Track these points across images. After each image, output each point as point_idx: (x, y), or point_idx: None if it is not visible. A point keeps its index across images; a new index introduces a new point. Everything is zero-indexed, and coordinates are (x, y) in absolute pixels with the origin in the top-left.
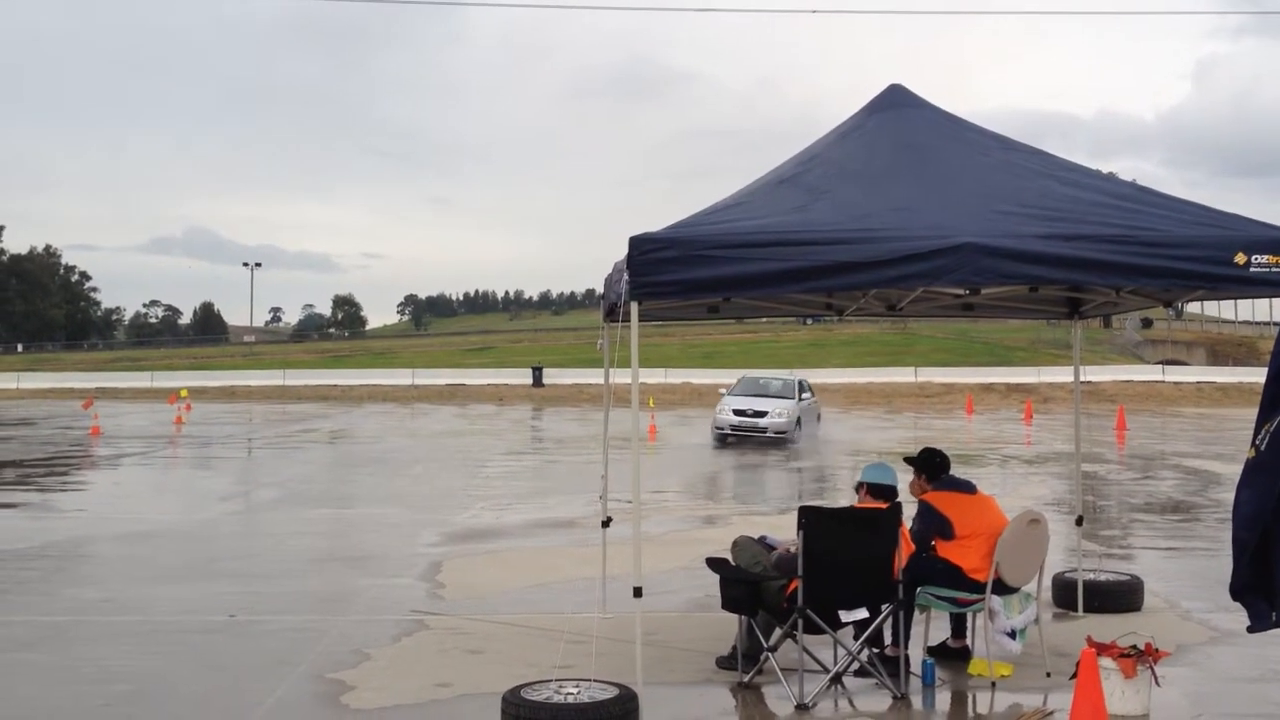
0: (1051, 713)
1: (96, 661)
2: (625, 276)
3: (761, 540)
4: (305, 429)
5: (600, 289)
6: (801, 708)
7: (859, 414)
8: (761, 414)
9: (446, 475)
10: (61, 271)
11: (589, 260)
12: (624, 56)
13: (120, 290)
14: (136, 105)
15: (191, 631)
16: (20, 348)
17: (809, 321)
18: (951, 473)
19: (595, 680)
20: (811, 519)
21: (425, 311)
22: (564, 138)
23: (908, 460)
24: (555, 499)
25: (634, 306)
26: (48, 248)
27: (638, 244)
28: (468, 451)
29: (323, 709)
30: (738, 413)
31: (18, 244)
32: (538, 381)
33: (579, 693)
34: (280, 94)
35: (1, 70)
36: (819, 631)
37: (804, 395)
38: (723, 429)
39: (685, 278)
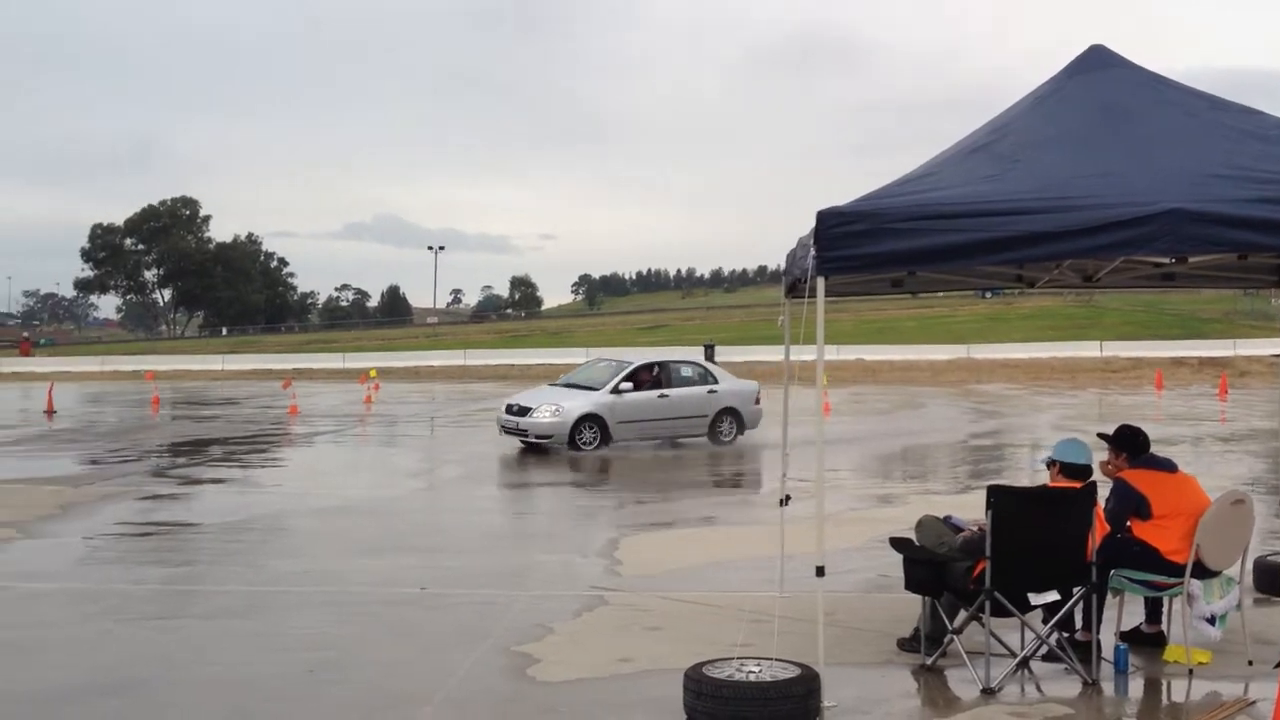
0: (1253, 702)
1: (298, 629)
2: (812, 251)
3: (947, 520)
4: (485, 408)
5: (773, 265)
6: (987, 692)
7: (1039, 390)
8: (526, 411)
9: (621, 454)
10: (262, 258)
11: (762, 237)
12: (802, 27)
13: (315, 275)
14: (330, 94)
15: (385, 603)
16: (225, 331)
17: (988, 295)
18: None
19: (777, 659)
20: (1001, 499)
21: (598, 291)
22: (740, 113)
23: (1103, 437)
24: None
25: (820, 282)
26: (250, 235)
27: (825, 218)
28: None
29: (511, 680)
30: (509, 409)
31: (223, 232)
32: (710, 358)
33: (760, 671)
34: (461, 78)
35: (210, 65)
36: (1006, 614)
37: (656, 386)
38: (504, 426)
39: (873, 251)
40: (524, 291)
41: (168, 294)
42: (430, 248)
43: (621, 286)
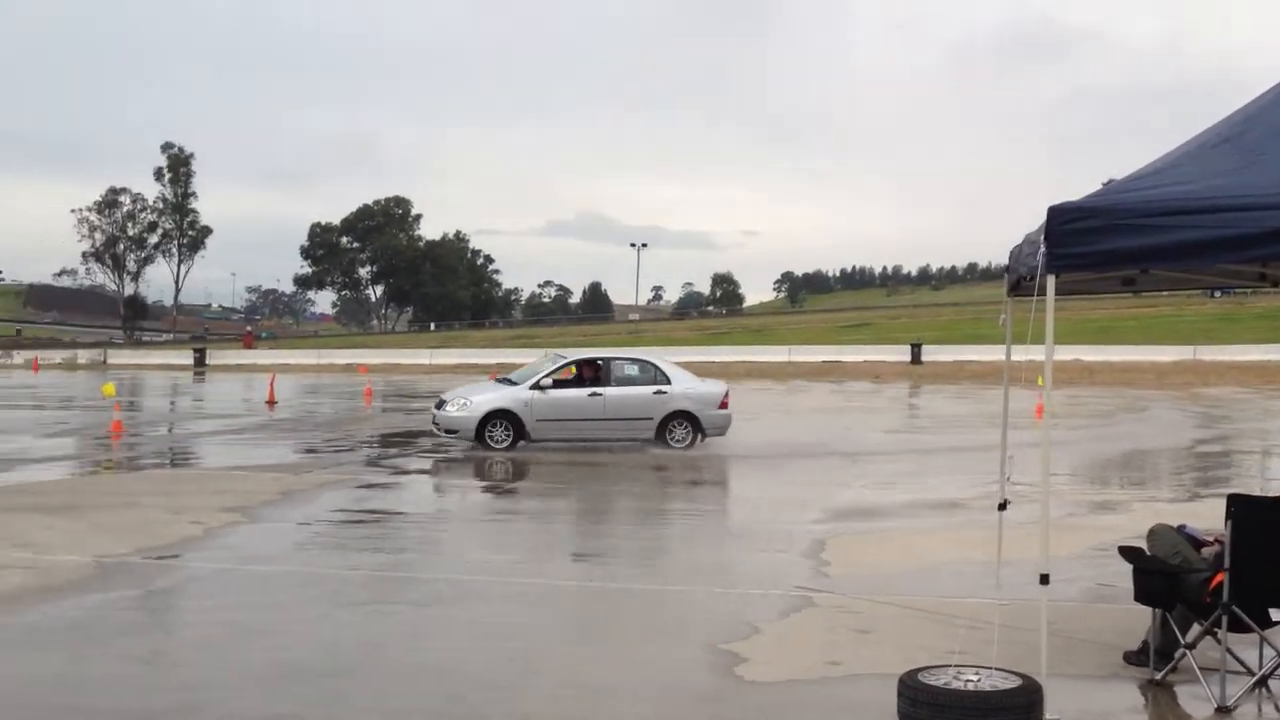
0: None
1: (506, 619)
2: (1042, 248)
3: (1181, 529)
4: None
5: (984, 262)
6: (1222, 710)
7: (1273, 395)
8: (442, 404)
9: (825, 452)
10: (469, 255)
11: (971, 233)
12: (1013, 15)
13: (519, 272)
14: (535, 95)
15: (590, 596)
16: (433, 326)
17: (1217, 294)
18: None
19: (996, 668)
20: (1242, 508)
21: (801, 288)
22: (947, 106)
23: None
24: (937, 479)
25: (1050, 280)
26: (458, 233)
27: (1057, 214)
28: (846, 429)
29: (718, 678)
30: (437, 402)
31: (433, 230)
32: (916, 358)
33: (979, 680)
34: (665, 76)
35: (425, 69)
36: (1245, 630)
37: (581, 386)
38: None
39: (1108, 248)
40: (725, 288)
41: (379, 290)
42: (633, 244)
43: (825, 284)
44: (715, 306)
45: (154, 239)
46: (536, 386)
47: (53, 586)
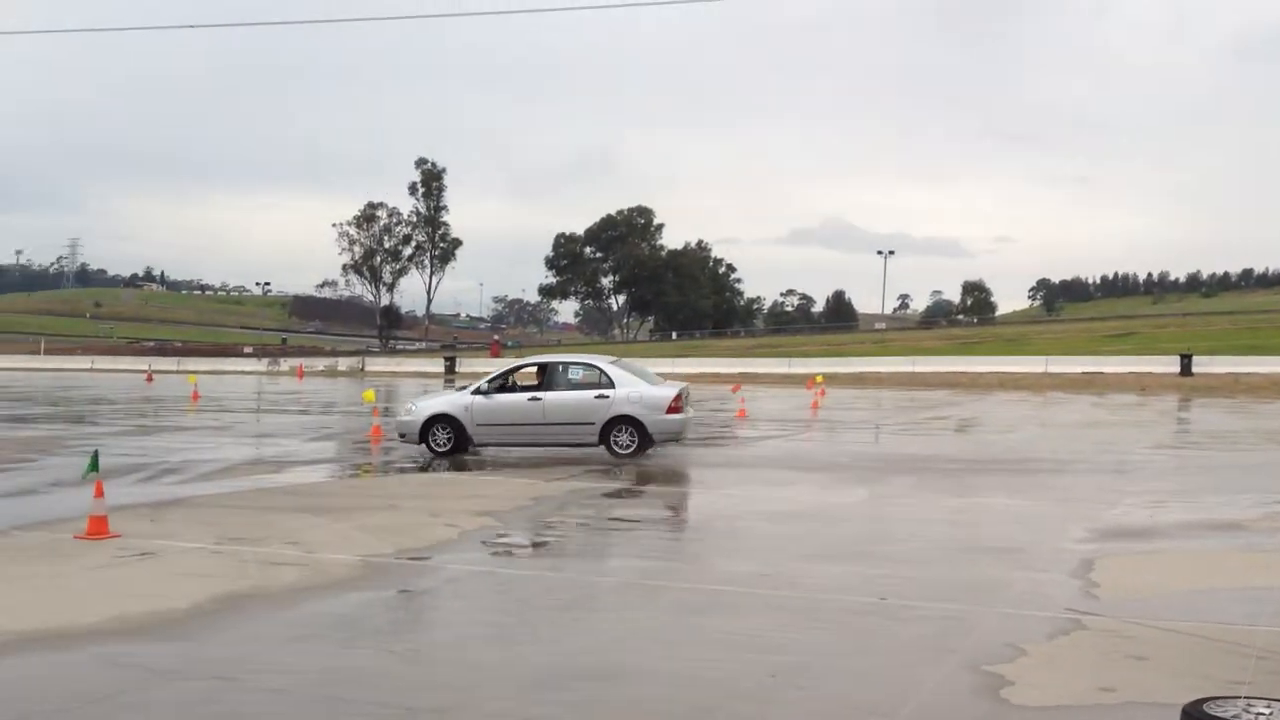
0: None
1: (757, 631)
2: None
3: None
4: (934, 416)
5: (1262, 266)
6: None
7: None
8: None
9: (1088, 468)
10: (710, 264)
11: (1246, 237)
12: None
13: (761, 280)
14: (778, 103)
15: (844, 611)
16: (674, 335)
17: None
18: None
19: None
20: None
21: (1058, 296)
22: (1223, 105)
23: None
24: (1214, 498)
25: None
26: (699, 242)
27: None
28: (1109, 444)
29: (982, 700)
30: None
31: (675, 240)
32: (1186, 370)
33: (1270, 714)
34: (911, 78)
35: (665, 80)
36: None
37: (522, 390)
38: None
39: None
40: (976, 296)
41: (621, 299)
42: (879, 252)
43: (1084, 291)
44: (965, 315)
45: (408, 251)
46: (478, 391)
47: (322, 584)
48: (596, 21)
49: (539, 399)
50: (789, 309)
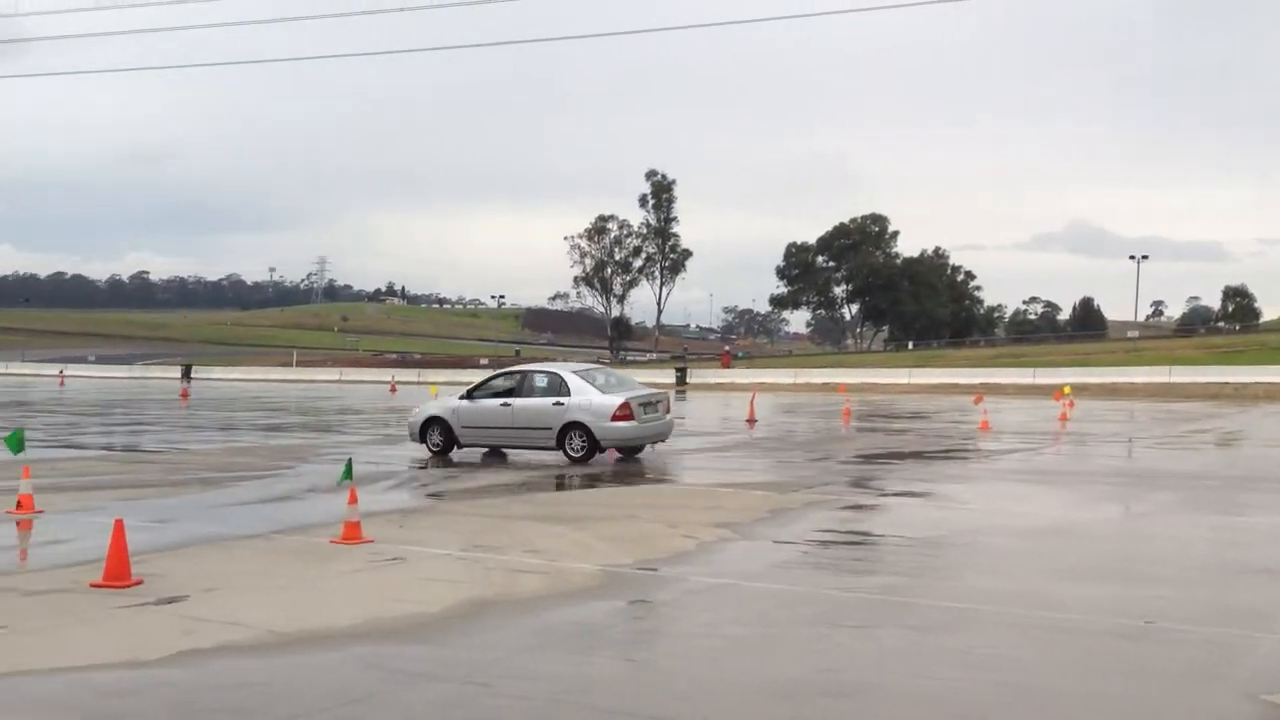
0: None
1: (1006, 651)
2: None
3: None
4: (1194, 429)
5: None
6: None
7: None
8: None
9: None
10: (948, 272)
11: None
12: None
13: (1002, 288)
14: (1017, 104)
15: (1101, 633)
16: (910, 344)
17: None
18: None
19: None
20: None
21: None
22: None
23: None
24: None
25: None
26: (936, 249)
27: None
28: None
29: None
30: None
31: (910, 248)
32: None
33: None
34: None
35: (898, 85)
36: None
37: (497, 396)
38: None
39: None
40: (1238, 302)
41: (854, 308)
42: (1131, 257)
43: None
44: (1226, 322)
45: (638, 263)
46: (465, 396)
47: (564, 592)
48: (831, 24)
49: (509, 405)
50: (1032, 317)
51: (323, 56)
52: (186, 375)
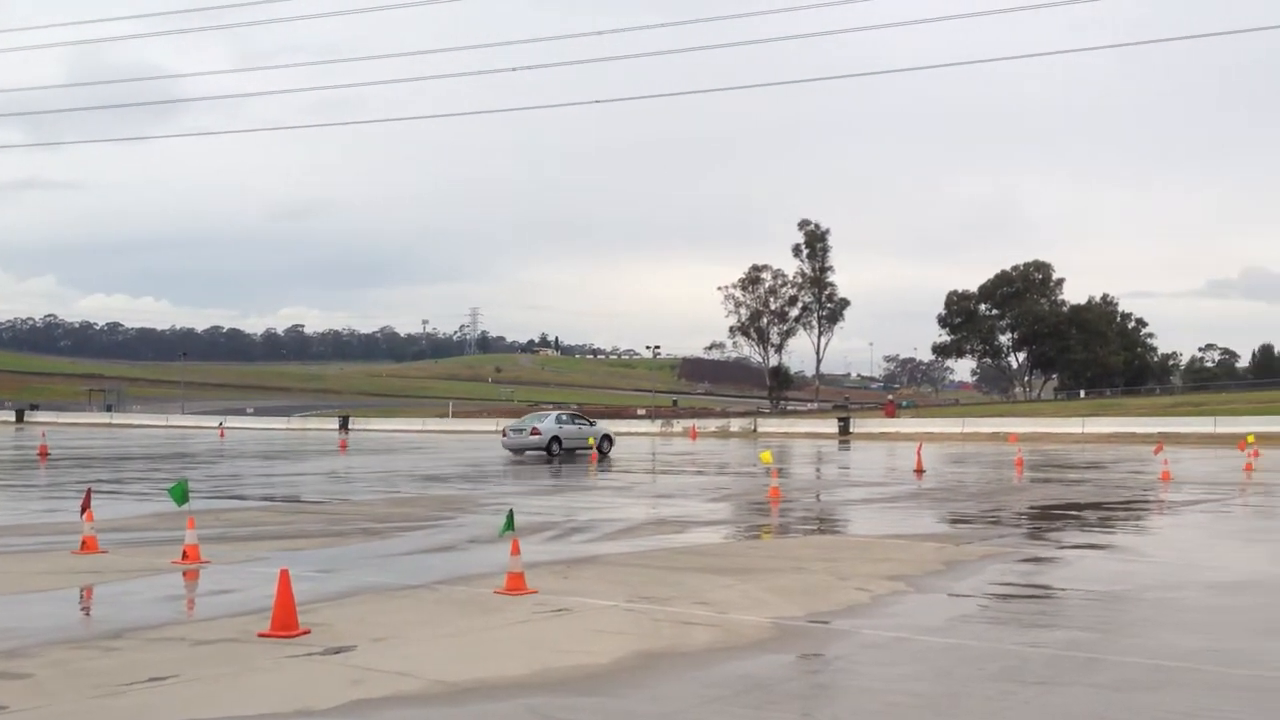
0: None
1: (1205, 713)
2: None
3: None
4: None
5: None
6: None
7: None
8: (520, 430)
9: None
10: (1119, 319)
11: None
12: None
13: (1176, 334)
14: (1190, 149)
15: None
16: (1082, 393)
17: None
18: None
19: None
20: None
21: None
22: None
23: None
24: None
25: None
26: (1105, 296)
27: None
28: None
29: None
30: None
31: (1077, 294)
32: None
33: None
34: None
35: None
36: None
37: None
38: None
39: None
40: None
41: (1021, 357)
42: None
43: None
44: None
45: (794, 312)
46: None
47: (735, 645)
48: (990, 71)
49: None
50: (1209, 364)
51: (474, 112)
52: (344, 426)
